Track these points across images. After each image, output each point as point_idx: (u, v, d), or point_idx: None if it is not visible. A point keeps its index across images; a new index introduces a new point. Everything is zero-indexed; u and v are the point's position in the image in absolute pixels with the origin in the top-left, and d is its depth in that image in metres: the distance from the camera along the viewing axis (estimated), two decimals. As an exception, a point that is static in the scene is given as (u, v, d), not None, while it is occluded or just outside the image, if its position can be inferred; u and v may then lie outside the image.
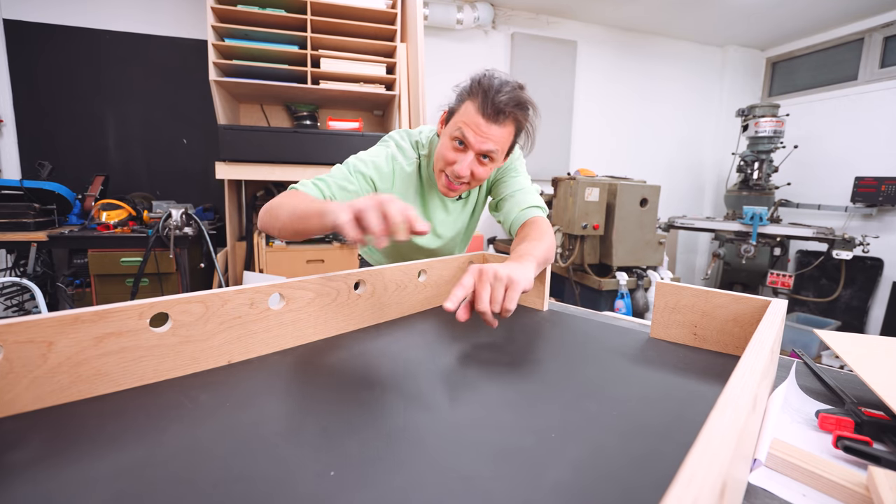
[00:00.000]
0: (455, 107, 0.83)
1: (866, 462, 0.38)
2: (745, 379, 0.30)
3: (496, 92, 0.77)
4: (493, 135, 0.79)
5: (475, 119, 0.78)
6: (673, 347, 0.64)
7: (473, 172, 0.83)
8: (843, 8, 3.10)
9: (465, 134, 0.79)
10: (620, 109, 3.79)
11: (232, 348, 0.51)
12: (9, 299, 2.18)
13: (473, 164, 0.82)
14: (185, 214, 2.12)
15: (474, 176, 0.84)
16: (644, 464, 0.35)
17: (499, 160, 0.85)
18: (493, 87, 0.77)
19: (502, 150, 0.83)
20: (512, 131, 0.82)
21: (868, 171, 3.10)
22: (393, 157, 0.90)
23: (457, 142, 0.81)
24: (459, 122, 0.80)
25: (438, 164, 0.86)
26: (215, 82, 2.19)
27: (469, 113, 0.79)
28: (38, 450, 0.34)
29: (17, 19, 2.40)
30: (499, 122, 0.78)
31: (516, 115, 0.80)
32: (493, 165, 0.84)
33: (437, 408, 0.44)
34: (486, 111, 0.77)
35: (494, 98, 0.76)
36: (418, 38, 2.30)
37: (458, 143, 0.81)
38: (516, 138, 0.85)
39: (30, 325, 0.38)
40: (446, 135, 0.84)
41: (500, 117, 0.78)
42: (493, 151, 0.81)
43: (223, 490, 0.30)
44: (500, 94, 0.77)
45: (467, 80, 0.82)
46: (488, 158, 0.83)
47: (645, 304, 2.40)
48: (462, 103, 0.81)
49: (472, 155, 0.81)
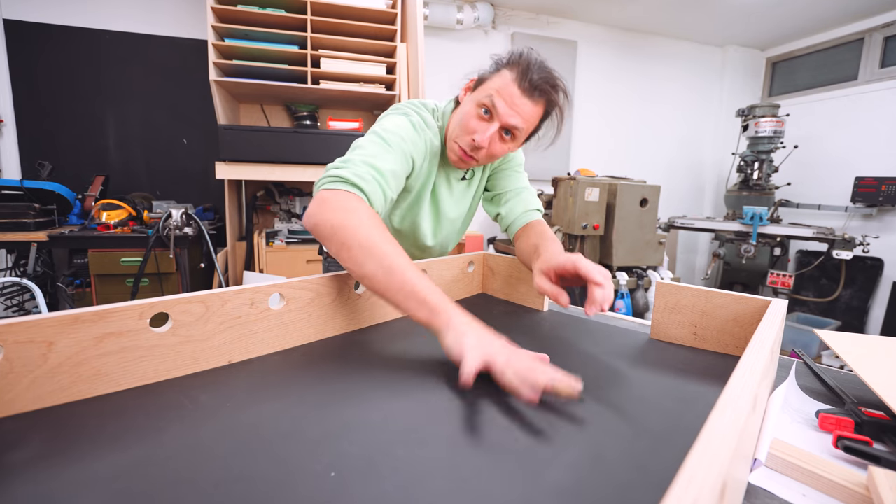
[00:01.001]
0: (488, 74, 0.77)
1: (866, 462, 0.38)
2: (745, 379, 0.30)
3: (538, 67, 0.74)
4: (524, 110, 0.74)
5: (510, 88, 0.73)
6: (673, 348, 0.64)
7: (491, 145, 0.78)
8: (843, 8, 3.09)
9: (494, 102, 0.74)
10: (620, 109, 3.79)
11: (232, 348, 0.51)
12: (9, 299, 2.18)
13: (494, 137, 0.77)
14: (185, 214, 2.12)
15: (489, 149, 0.78)
16: (644, 464, 0.35)
17: (519, 141, 0.80)
18: (536, 62, 0.74)
19: (527, 129, 0.78)
20: (541, 113, 0.77)
21: (868, 171, 3.10)
22: (421, 126, 0.81)
23: (483, 109, 0.76)
24: (491, 90, 0.75)
25: (456, 131, 0.80)
26: (215, 82, 2.19)
27: (504, 81, 0.74)
28: (39, 450, 0.34)
29: (17, 19, 2.40)
30: (533, 98, 0.74)
31: (550, 96, 0.76)
32: (512, 145, 0.80)
33: (437, 408, 0.44)
34: (522, 83, 0.73)
35: (535, 72, 0.73)
36: (418, 38, 2.30)
37: (483, 112, 0.76)
38: (541, 123, 0.80)
39: (30, 325, 0.38)
40: (472, 101, 0.78)
41: (536, 93, 0.74)
42: (518, 128, 0.76)
43: (223, 490, 0.30)
44: (541, 70, 0.74)
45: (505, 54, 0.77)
46: (511, 136, 0.78)
47: (645, 304, 2.40)
48: (497, 72, 0.76)
49: (496, 126, 0.76)
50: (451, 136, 0.82)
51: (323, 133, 2.28)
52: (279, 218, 2.69)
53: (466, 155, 0.79)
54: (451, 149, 0.82)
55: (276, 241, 2.49)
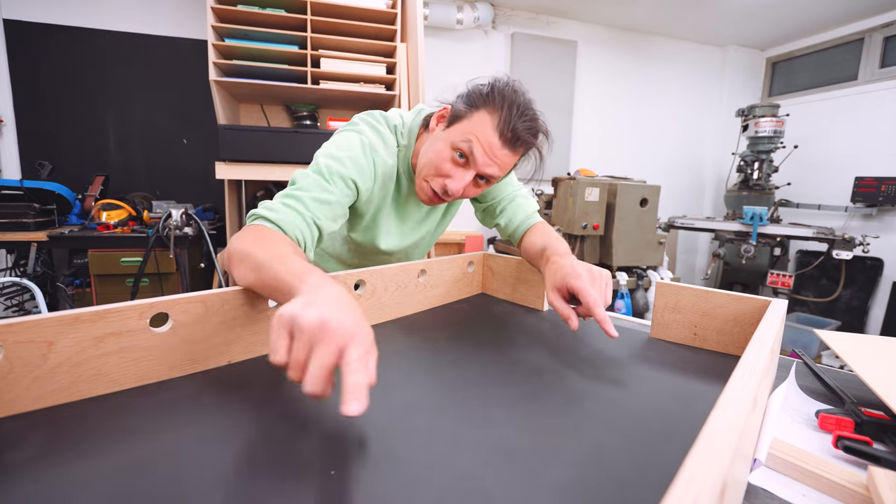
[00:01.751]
0: (465, 111, 0.70)
1: (866, 462, 0.38)
2: (745, 379, 0.30)
3: (521, 114, 0.68)
4: (503, 160, 0.70)
5: (489, 136, 0.68)
6: (673, 347, 0.64)
7: (464, 192, 0.74)
8: (843, 8, 3.09)
9: (472, 150, 0.68)
10: (620, 109, 3.79)
11: (232, 348, 0.51)
12: (9, 299, 2.18)
13: (469, 185, 0.73)
14: (185, 214, 2.12)
15: (462, 195, 0.75)
16: (644, 464, 0.35)
17: (493, 184, 0.77)
18: (519, 106, 0.68)
19: (502, 175, 0.74)
20: (517, 159, 0.74)
21: (868, 171, 3.10)
22: (371, 148, 0.76)
23: (458, 154, 0.70)
24: (469, 134, 0.68)
25: (427, 170, 0.73)
26: (215, 82, 2.19)
27: (483, 127, 0.68)
28: (39, 449, 0.34)
29: (17, 19, 2.40)
30: (514, 149, 0.70)
31: (531, 143, 0.71)
32: (484, 188, 0.77)
33: (437, 407, 0.44)
34: (504, 132, 0.67)
35: (518, 121, 0.67)
36: (418, 38, 2.30)
37: (458, 156, 0.70)
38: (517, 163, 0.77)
39: (30, 325, 0.38)
40: (446, 141, 0.71)
41: (518, 144, 0.69)
42: (494, 176, 0.72)
43: (223, 490, 0.30)
44: (524, 117, 0.68)
45: (487, 84, 0.70)
46: (485, 181, 0.74)
47: (645, 304, 2.40)
48: (476, 110, 0.69)
49: (472, 174, 0.71)
50: (421, 172, 0.75)
51: (323, 133, 2.28)
52: (279, 218, 2.69)
53: (437, 197, 0.75)
54: (420, 187, 0.76)
55: (276, 241, 2.49)
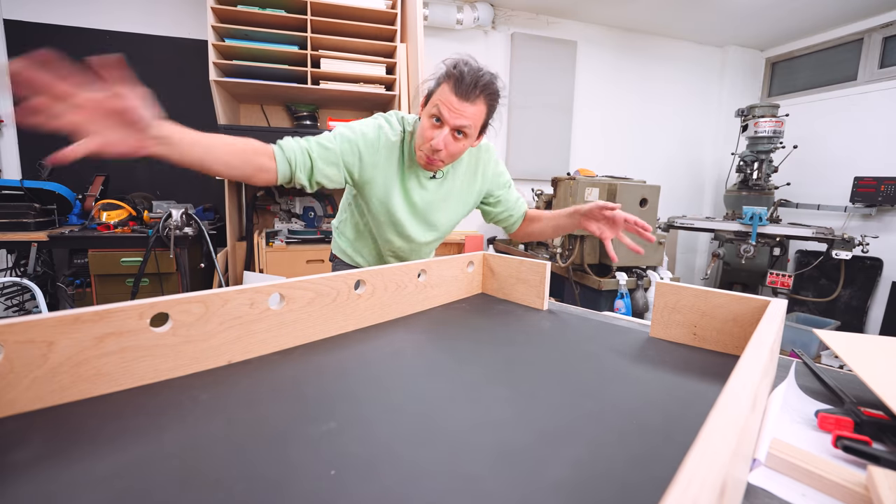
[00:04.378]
0: (433, 89, 0.92)
1: (866, 462, 0.38)
2: (745, 379, 0.30)
3: (470, 74, 0.87)
4: (466, 111, 0.88)
5: (449, 98, 0.87)
6: (673, 347, 0.64)
7: (447, 146, 0.91)
8: (843, 8, 3.10)
9: (441, 111, 0.88)
10: (620, 109, 3.79)
11: (232, 348, 0.51)
12: (9, 299, 2.18)
13: (448, 139, 0.91)
14: (185, 214, 2.12)
15: (448, 150, 0.92)
16: (644, 463, 0.35)
17: (472, 136, 0.93)
18: (466, 71, 0.87)
19: (475, 126, 0.91)
20: (484, 110, 0.91)
21: (867, 171, 3.10)
22: (380, 127, 0.99)
23: (434, 119, 0.90)
24: (437, 101, 0.89)
25: (419, 140, 0.94)
26: (215, 82, 2.19)
27: (445, 93, 0.88)
28: (39, 449, 0.34)
29: (17, 19, 2.40)
30: (470, 100, 0.88)
31: (485, 94, 0.89)
32: (467, 142, 0.93)
33: (437, 407, 0.44)
34: (458, 90, 0.87)
35: (466, 79, 0.86)
36: (418, 38, 2.30)
37: (435, 121, 0.90)
38: (488, 118, 0.94)
39: (30, 325, 0.38)
40: (425, 114, 0.93)
41: (472, 96, 0.88)
42: (465, 127, 0.89)
43: (223, 490, 0.30)
44: (470, 76, 0.87)
45: (443, 66, 0.91)
46: (462, 134, 0.91)
47: (645, 303, 2.40)
48: (439, 86, 0.90)
49: (447, 130, 0.90)
50: (416, 145, 0.96)
51: (323, 133, 2.28)
52: (279, 218, 2.69)
53: (430, 159, 0.94)
54: (418, 157, 0.97)
55: (276, 241, 2.49)
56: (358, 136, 0.95)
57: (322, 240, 2.61)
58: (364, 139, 0.95)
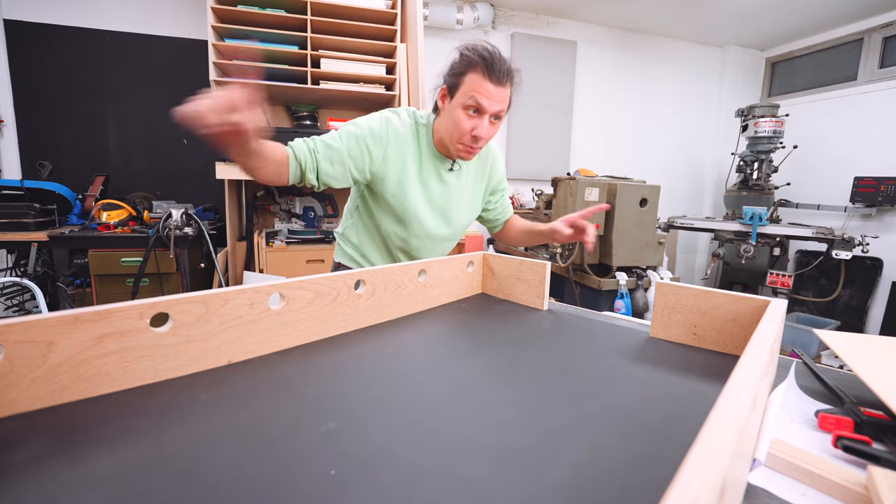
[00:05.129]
0: (455, 81, 0.91)
1: (866, 462, 0.38)
2: (745, 379, 0.30)
3: (495, 59, 0.88)
4: (502, 97, 0.90)
5: (486, 86, 0.88)
6: (673, 347, 0.64)
7: (487, 133, 0.94)
8: (843, 8, 3.10)
9: (479, 101, 0.89)
10: (620, 109, 3.79)
11: (232, 348, 0.51)
12: (9, 299, 2.18)
13: (488, 127, 0.93)
14: (185, 214, 2.12)
15: (487, 136, 0.94)
16: (644, 463, 0.35)
17: (503, 118, 0.96)
18: (494, 53, 0.89)
19: (506, 108, 0.94)
20: (510, 92, 0.93)
21: (867, 171, 3.10)
22: (387, 119, 0.98)
23: (471, 110, 0.91)
24: (471, 92, 0.89)
25: (456, 133, 0.94)
26: (215, 82, 2.19)
27: (478, 83, 0.88)
28: (39, 449, 0.34)
29: (17, 19, 2.40)
30: (504, 85, 0.90)
31: (513, 77, 0.92)
32: (499, 124, 0.96)
33: (437, 407, 0.44)
34: (493, 77, 0.88)
35: (497, 65, 0.88)
36: (418, 38, 2.30)
37: (472, 112, 0.91)
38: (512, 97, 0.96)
39: (30, 325, 0.38)
40: (456, 108, 0.92)
41: (504, 79, 0.89)
42: (502, 111, 0.92)
43: (223, 490, 0.30)
44: (497, 59, 0.88)
45: (458, 55, 0.91)
46: (497, 119, 0.94)
47: (645, 303, 2.40)
48: (464, 76, 0.90)
49: (486, 118, 0.92)
50: (451, 140, 0.97)
51: (323, 133, 2.28)
52: (279, 218, 2.69)
53: (471, 147, 0.96)
54: (455, 150, 0.98)
55: (276, 241, 2.49)
56: (364, 132, 0.95)
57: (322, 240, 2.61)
58: (371, 133, 0.95)
